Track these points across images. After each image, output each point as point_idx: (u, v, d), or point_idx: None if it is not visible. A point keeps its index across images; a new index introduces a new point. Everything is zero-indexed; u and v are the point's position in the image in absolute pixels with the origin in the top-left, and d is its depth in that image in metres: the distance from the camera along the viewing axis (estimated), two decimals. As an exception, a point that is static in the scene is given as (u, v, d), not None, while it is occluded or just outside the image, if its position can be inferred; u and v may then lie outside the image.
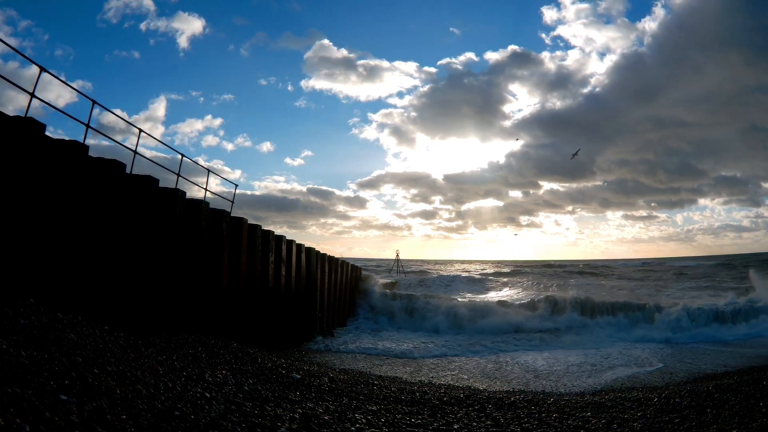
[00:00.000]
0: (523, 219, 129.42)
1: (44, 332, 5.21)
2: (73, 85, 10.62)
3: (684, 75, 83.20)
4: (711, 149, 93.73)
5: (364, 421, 5.80)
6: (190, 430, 4.04)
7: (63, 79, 9.50)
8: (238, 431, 4.33)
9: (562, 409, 7.63)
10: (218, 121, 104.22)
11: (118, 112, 11.83)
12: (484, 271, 58.49)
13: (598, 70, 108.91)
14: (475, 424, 6.41)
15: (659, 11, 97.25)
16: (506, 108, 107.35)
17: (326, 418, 5.55)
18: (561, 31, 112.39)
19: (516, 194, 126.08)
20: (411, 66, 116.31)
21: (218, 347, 9.81)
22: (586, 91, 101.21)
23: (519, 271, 59.00)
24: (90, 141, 9.04)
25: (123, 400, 4.10)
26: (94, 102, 9.55)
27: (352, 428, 5.37)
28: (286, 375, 8.52)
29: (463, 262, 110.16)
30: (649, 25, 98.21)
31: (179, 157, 12.15)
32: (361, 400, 7.39)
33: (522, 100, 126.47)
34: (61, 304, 7.18)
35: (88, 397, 3.82)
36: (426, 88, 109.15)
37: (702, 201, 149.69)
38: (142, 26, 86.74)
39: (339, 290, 21.86)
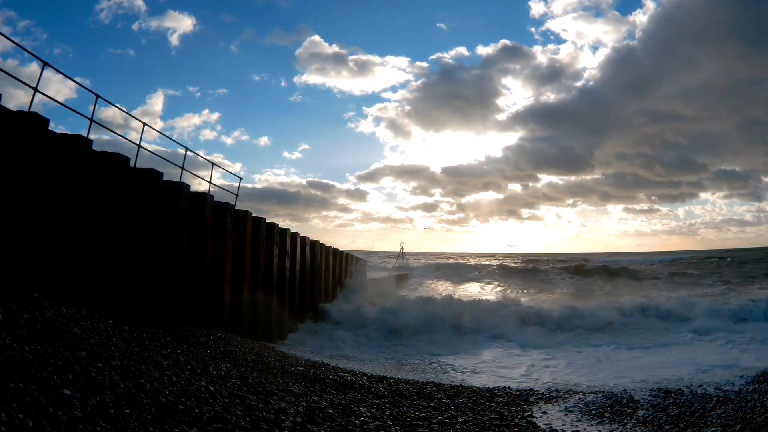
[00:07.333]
0: (525, 212, 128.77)
1: (48, 327, 5.22)
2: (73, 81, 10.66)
3: (677, 68, 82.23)
4: (708, 143, 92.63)
5: (368, 414, 5.80)
6: (194, 424, 4.04)
7: (64, 72, 9.47)
8: (242, 425, 4.33)
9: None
10: (215, 116, 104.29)
11: (119, 106, 11.78)
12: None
13: (591, 63, 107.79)
14: (479, 417, 6.39)
15: (649, 4, 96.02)
16: (500, 101, 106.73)
17: (331, 411, 5.55)
18: (550, 25, 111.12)
19: (515, 187, 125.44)
20: (403, 61, 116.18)
21: (223, 340, 9.83)
22: (579, 84, 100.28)
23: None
24: (90, 136, 9.02)
25: (127, 395, 4.10)
26: (97, 96, 9.51)
27: (356, 421, 5.36)
28: (291, 368, 8.52)
29: (480, 255, 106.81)
30: (640, 18, 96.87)
31: (179, 151, 12.16)
32: (365, 393, 7.39)
33: (516, 93, 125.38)
34: (66, 298, 7.19)
35: (91, 392, 3.82)
36: (419, 82, 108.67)
37: (703, 195, 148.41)
38: (135, 26, 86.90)
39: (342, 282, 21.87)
